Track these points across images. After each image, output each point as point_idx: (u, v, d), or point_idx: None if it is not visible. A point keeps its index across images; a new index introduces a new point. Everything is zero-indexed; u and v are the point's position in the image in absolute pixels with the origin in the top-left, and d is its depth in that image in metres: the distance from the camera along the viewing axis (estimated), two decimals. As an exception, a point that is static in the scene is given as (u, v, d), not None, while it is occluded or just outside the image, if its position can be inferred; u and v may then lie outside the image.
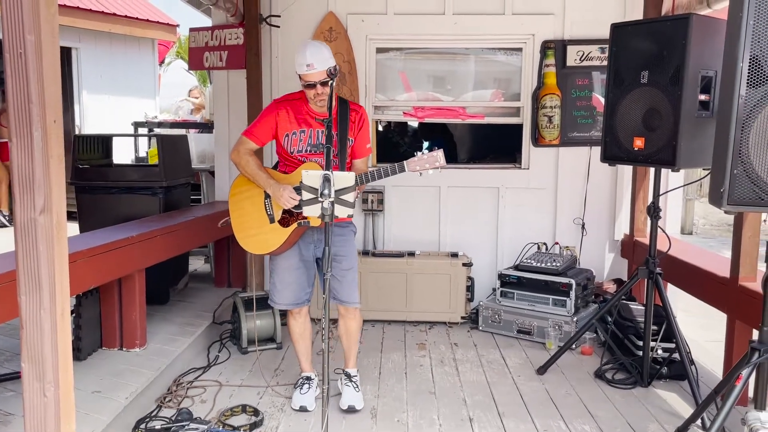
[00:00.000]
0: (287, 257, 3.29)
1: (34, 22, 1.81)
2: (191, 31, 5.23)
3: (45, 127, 1.87)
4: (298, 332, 3.44)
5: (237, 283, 5.13)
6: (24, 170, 1.86)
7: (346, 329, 3.43)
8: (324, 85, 3.05)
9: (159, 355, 3.65)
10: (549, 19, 4.87)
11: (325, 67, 3.02)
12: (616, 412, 3.36)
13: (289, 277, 3.31)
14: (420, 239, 5.03)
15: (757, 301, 3.19)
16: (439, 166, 2.99)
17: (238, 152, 3.22)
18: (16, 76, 1.83)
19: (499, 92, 5.21)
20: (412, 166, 3.01)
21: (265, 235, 3.21)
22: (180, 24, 8.30)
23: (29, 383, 1.94)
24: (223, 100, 5.18)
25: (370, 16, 4.92)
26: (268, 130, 3.23)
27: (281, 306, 3.39)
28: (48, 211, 1.90)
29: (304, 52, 3.05)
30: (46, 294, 1.91)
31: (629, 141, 3.56)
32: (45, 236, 1.89)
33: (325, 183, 2.25)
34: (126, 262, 3.44)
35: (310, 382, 3.46)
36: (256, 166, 3.19)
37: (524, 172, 5.04)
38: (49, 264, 1.91)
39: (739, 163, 2.23)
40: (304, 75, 3.06)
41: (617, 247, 5.08)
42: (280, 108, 3.22)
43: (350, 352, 3.49)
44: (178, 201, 4.85)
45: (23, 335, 1.93)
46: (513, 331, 4.55)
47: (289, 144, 3.20)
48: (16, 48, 1.81)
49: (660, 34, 3.38)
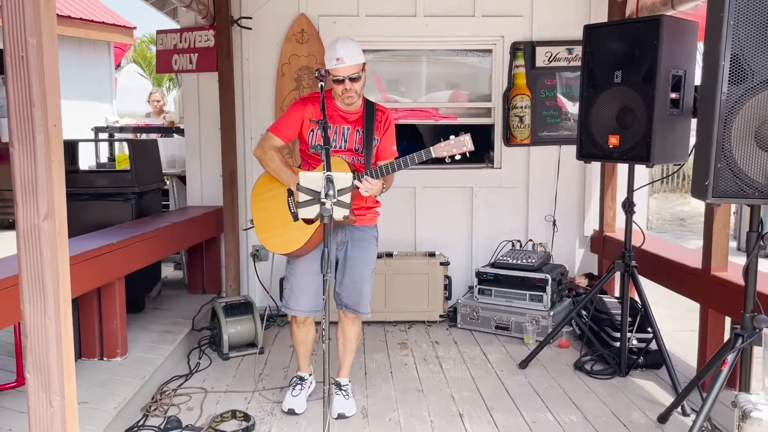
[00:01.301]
0: (308, 261, 3.17)
1: (35, 25, 1.77)
2: (158, 33, 5.15)
3: (47, 131, 1.83)
4: (300, 338, 3.38)
5: (212, 289, 5.06)
6: (26, 176, 1.81)
7: (344, 334, 3.38)
8: (353, 81, 3.03)
9: (142, 364, 3.59)
10: (518, 21, 4.97)
11: (354, 62, 3.02)
12: (599, 402, 3.46)
13: (307, 282, 3.19)
14: (396, 239, 5.06)
15: (730, 290, 3.35)
16: (466, 150, 2.97)
17: (262, 148, 3.15)
18: (18, 79, 1.78)
19: (460, 92, 5.26)
20: (438, 151, 2.97)
21: (288, 234, 3.11)
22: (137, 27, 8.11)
23: (35, 394, 1.89)
24: (194, 103, 5.11)
25: (341, 18, 4.93)
26: (295, 125, 3.15)
27: (297, 312, 3.24)
28: (51, 217, 1.86)
29: (334, 47, 3.04)
30: (51, 301, 1.86)
31: (604, 139, 3.67)
32: (49, 242, 1.85)
33: (328, 184, 2.25)
34: (107, 270, 3.37)
35: (303, 382, 3.42)
36: (281, 162, 3.13)
37: (497, 172, 5.13)
38: (53, 271, 1.87)
39: (722, 157, 2.34)
40: (333, 69, 3.03)
41: (587, 243, 5.22)
42: (308, 104, 3.15)
43: (346, 360, 3.42)
44: (150, 207, 4.76)
45: (28, 345, 1.87)
46: (491, 328, 4.62)
47: (314, 139, 3.12)
48: (18, 51, 1.77)
49: (632, 35, 3.50)
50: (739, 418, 2.15)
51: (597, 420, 3.25)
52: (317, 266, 3.13)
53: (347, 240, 3.24)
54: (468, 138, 2.96)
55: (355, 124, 3.17)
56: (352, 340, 3.40)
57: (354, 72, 3.03)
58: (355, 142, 3.17)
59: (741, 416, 2.13)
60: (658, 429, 3.15)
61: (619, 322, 4.07)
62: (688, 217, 12.24)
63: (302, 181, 2.43)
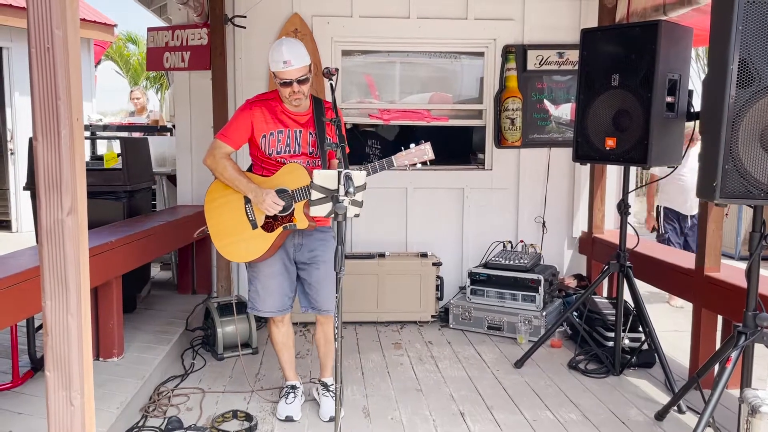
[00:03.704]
0: (270, 263, 3.16)
1: (62, 16, 1.74)
2: (149, 30, 5.08)
3: (71, 125, 1.80)
4: (281, 341, 3.34)
5: (202, 289, 5.01)
6: (51, 170, 1.78)
7: (324, 337, 3.33)
8: (301, 83, 2.99)
9: (139, 364, 3.54)
10: (509, 24, 5.03)
11: (302, 64, 2.98)
12: (596, 400, 3.51)
13: (272, 283, 3.18)
14: (387, 240, 5.07)
15: (724, 290, 3.43)
16: (427, 159, 2.97)
17: (213, 157, 3.08)
18: (43, 72, 1.75)
19: (441, 95, 5.27)
20: (400, 160, 2.96)
21: (248, 242, 3.09)
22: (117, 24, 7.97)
23: (54, 392, 1.86)
24: (185, 102, 5.06)
25: (335, 18, 4.93)
26: (244, 131, 3.09)
27: (264, 314, 3.24)
28: (74, 212, 1.83)
29: (280, 49, 2.97)
30: (74, 298, 1.84)
31: (601, 141, 3.73)
32: (72, 238, 1.82)
33: (348, 182, 2.25)
34: (106, 268, 3.31)
35: (296, 390, 3.37)
36: (235, 171, 3.06)
37: (487, 173, 5.17)
38: (76, 267, 1.84)
39: (730, 159, 2.40)
40: (280, 72, 2.96)
41: (575, 244, 5.29)
42: (255, 108, 3.10)
43: (327, 361, 3.38)
44: (141, 206, 4.70)
45: (48, 342, 1.84)
46: (483, 328, 4.66)
47: (267, 145, 3.08)
48: (44, 42, 1.74)
49: (629, 39, 3.57)
50: (747, 413, 2.20)
51: (596, 418, 3.30)
52: (280, 266, 3.18)
53: (303, 242, 3.18)
54: (428, 147, 2.96)
55: (307, 126, 3.12)
56: (332, 340, 3.33)
57: (302, 74, 2.97)
58: (309, 144, 3.12)
59: (750, 411, 2.19)
60: (655, 426, 3.21)
61: (611, 322, 4.14)
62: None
63: (316, 179, 2.41)
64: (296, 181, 3.00)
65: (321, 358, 3.42)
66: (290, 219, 3.02)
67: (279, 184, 3.03)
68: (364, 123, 5.27)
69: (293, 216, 3.02)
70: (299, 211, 3.01)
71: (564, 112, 5.16)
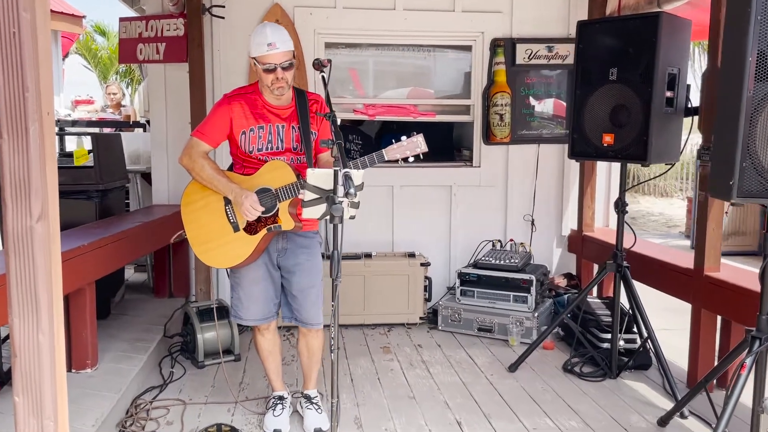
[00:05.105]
0: (253, 269, 2.95)
1: (29, -3, 1.54)
2: (121, 21, 4.83)
3: (41, 120, 1.60)
4: (267, 349, 3.14)
5: (179, 292, 4.79)
6: (18, 171, 1.58)
7: (308, 348, 3.14)
8: (285, 70, 2.78)
9: (114, 375, 3.32)
10: (497, 17, 4.88)
11: (287, 48, 2.77)
12: (595, 406, 3.40)
13: (255, 290, 2.99)
14: (373, 240, 4.91)
15: (724, 290, 3.34)
16: (420, 151, 2.76)
17: (189, 156, 2.86)
18: (9, 60, 1.55)
19: (421, 90, 5.11)
20: (391, 154, 2.75)
21: (229, 246, 2.87)
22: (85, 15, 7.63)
23: (24, 419, 1.65)
24: (160, 96, 4.81)
25: (318, 9, 4.73)
26: (222, 128, 2.87)
27: (248, 322, 3.03)
28: (45, 218, 1.63)
29: (263, 32, 2.76)
30: (45, 314, 1.63)
31: (598, 137, 3.61)
32: (42, 247, 1.62)
33: (348, 182, 2.07)
34: (79, 274, 3.09)
35: (283, 401, 3.19)
36: (213, 170, 2.84)
37: (476, 170, 5.03)
38: (47, 280, 1.64)
39: (747, 156, 2.28)
40: (263, 56, 2.75)
41: (564, 242, 5.18)
42: (234, 102, 2.88)
43: (311, 372, 3.20)
44: (114, 206, 4.46)
45: (17, 364, 1.64)
46: (473, 330, 4.52)
47: (247, 142, 2.87)
48: (9, 27, 1.53)
49: (628, 31, 3.45)
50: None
51: (597, 424, 3.18)
52: (263, 272, 2.98)
53: (287, 247, 2.99)
54: (421, 138, 2.76)
55: (290, 120, 2.92)
56: (318, 352, 3.17)
57: (287, 59, 2.77)
58: (293, 140, 2.91)
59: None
60: (659, 433, 3.11)
61: (605, 323, 4.04)
62: (639, 216, 12.57)
63: (310, 179, 2.24)
64: (280, 179, 2.80)
65: (304, 370, 3.23)
66: (275, 220, 2.83)
67: (261, 183, 2.82)
68: (349, 119, 5.08)
69: (278, 216, 2.82)
70: (284, 211, 2.82)
71: (547, 107, 5.04)
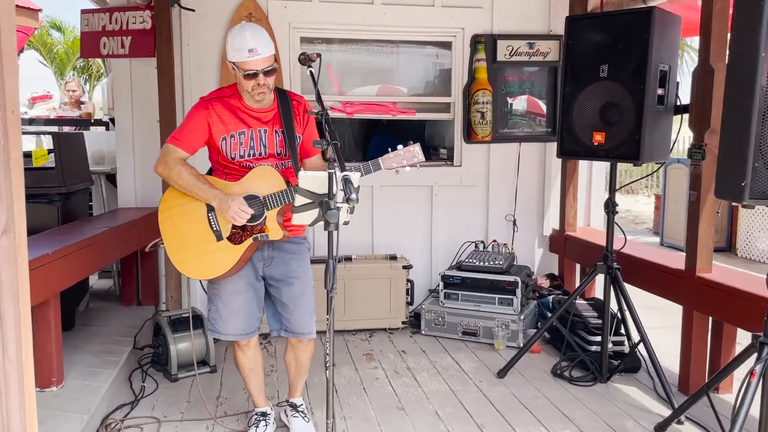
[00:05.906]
0: (233, 280, 2.76)
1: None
2: (83, 13, 4.55)
3: (5, 119, 1.39)
4: (248, 366, 2.94)
5: (148, 300, 4.54)
6: (-21, 177, 1.37)
7: (296, 360, 2.98)
8: (267, 75, 2.60)
9: (82, 393, 3.08)
10: (477, 12, 4.76)
11: (269, 53, 2.59)
12: (589, 412, 3.30)
13: (235, 302, 2.79)
14: (352, 242, 4.73)
15: (716, 291, 3.27)
16: (417, 161, 2.65)
17: (165, 163, 2.65)
18: (-34, 49, 1.34)
19: (390, 87, 4.97)
20: (387, 163, 2.63)
21: (211, 255, 2.67)
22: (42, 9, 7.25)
23: (-11, 463, 1.45)
24: (126, 93, 4.55)
25: (293, 2, 4.54)
26: (200, 134, 2.67)
27: (226, 336, 2.83)
28: (10, 230, 1.42)
29: (243, 35, 2.56)
30: (11, 340, 1.43)
31: (587, 136, 3.51)
32: (8, 263, 1.42)
33: (348, 186, 1.90)
34: (45, 286, 2.84)
35: (267, 418, 3.02)
36: (193, 176, 2.63)
37: (457, 170, 4.91)
38: (14, 300, 1.44)
39: (760, 156, 2.19)
40: (244, 63, 2.55)
41: (546, 242, 5.10)
42: (212, 107, 2.68)
43: (297, 382, 3.04)
44: (77, 210, 4.20)
45: (-21, 399, 1.43)
46: (458, 334, 4.39)
47: (229, 149, 2.67)
48: (-34, 10, 1.33)
49: (619, 27, 3.36)
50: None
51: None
52: (244, 283, 2.79)
53: (273, 255, 2.81)
54: (418, 148, 2.63)
55: (272, 124, 2.74)
56: (307, 364, 3.01)
57: (269, 64, 2.59)
58: (276, 145, 2.73)
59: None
60: (657, 440, 3.02)
61: (593, 325, 3.95)
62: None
63: (302, 182, 2.07)
64: (268, 186, 2.61)
65: (291, 380, 3.06)
66: (262, 229, 2.63)
67: (248, 190, 2.62)
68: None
69: (265, 225, 2.63)
70: (272, 220, 2.63)
71: (521, 105, 4.94)
